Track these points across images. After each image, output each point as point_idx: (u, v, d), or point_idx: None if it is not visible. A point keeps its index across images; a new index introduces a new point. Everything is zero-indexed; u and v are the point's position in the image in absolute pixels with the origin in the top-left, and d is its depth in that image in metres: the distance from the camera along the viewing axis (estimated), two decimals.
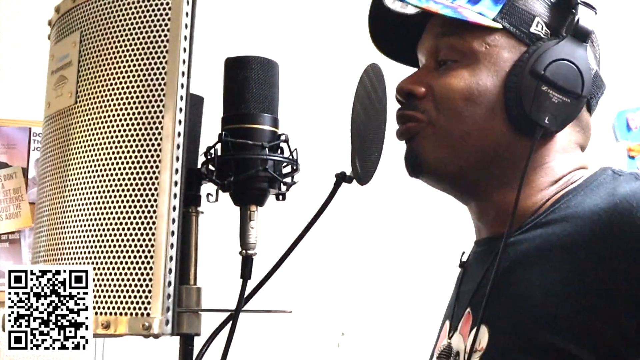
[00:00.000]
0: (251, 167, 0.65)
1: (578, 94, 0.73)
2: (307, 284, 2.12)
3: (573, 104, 0.73)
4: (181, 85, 0.58)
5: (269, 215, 0.99)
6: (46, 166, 0.66)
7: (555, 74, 0.73)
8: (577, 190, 0.74)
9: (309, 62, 2.19)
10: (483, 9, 0.77)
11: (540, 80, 0.72)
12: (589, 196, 0.71)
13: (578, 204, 0.71)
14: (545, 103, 0.73)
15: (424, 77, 0.80)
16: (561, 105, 0.73)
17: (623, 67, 2.31)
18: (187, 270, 0.66)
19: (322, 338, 2.13)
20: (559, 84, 0.73)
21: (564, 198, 0.74)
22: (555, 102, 0.73)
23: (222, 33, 2.14)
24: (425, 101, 0.79)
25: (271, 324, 2.10)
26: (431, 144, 0.78)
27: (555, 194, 0.75)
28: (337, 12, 2.23)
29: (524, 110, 0.73)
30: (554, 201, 0.74)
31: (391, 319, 2.14)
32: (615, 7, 2.36)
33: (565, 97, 0.73)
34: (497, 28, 0.76)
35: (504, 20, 0.76)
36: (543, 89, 0.72)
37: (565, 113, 0.74)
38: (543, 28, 0.76)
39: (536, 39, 0.75)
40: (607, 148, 2.28)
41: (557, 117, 0.73)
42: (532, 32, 0.76)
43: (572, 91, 0.73)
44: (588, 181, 0.74)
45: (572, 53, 0.73)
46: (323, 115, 2.17)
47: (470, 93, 0.76)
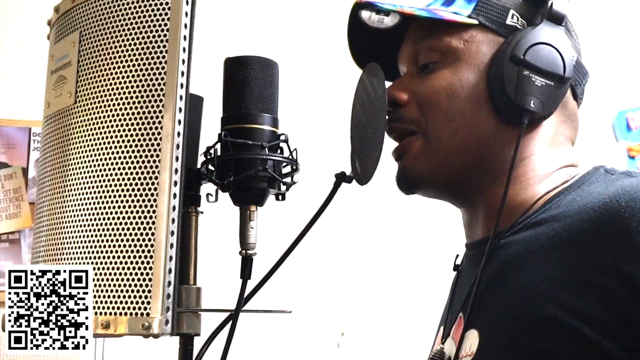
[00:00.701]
0: (251, 167, 0.65)
1: (561, 76, 0.73)
2: (307, 284, 2.12)
3: (557, 86, 0.74)
4: (181, 85, 0.58)
5: (269, 215, 0.99)
6: (46, 166, 0.66)
7: (535, 57, 0.73)
8: (569, 190, 0.73)
9: (309, 62, 2.19)
10: (457, 9, 0.78)
11: (521, 65, 0.73)
12: (579, 195, 0.71)
13: (568, 204, 0.71)
14: (528, 87, 0.73)
15: (406, 83, 0.81)
16: (545, 88, 0.73)
17: (623, 67, 2.31)
18: (187, 270, 0.66)
19: (322, 338, 2.13)
20: (540, 67, 0.73)
21: (555, 198, 0.73)
22: (539, 85, 0.73)
23: (222, 33, 2.14)
24: (410, 108, 0.79)
25: (271, 324, 2.10)
26: (422, 154, 0.78)
27: (546, 192, 0.74)
28: (337, 12, 2.23)
29: (508, 97, 0.73)
30: (545, 201, 0.73)
31: (391, 319, 2.14)
32: (615, 7, 2.36)
33: (548, 79, 0.73)
34: (473, 24, 0.77)
35: (479, 16, 0.77)
36: (525, 74, 0.73)
37: (550, 96, 0.74)
38: (519, 19, 0.77)
39: (513, 30, 0.76)
40: (607, 148, 2.28)
41: (542, 100, 0.73)
42: (508, 24, 0.76)
43: (554, 73, 0.73)
44: (580, 180, 0.74)
45: (550, 36, 0.74)
46: (323, 115, 2.17)
47: (454, 90, 0.76)
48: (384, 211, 2.19)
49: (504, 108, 0.74)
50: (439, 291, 1.78)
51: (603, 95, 2.08)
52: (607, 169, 0.74)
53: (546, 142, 0.77)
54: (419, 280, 2.17)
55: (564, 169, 0.78)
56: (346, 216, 2.13)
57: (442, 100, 0.77)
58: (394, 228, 2.20)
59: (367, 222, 2.19)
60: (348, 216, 2.14)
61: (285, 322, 2.10)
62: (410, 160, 0.79)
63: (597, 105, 0.90)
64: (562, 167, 0.78)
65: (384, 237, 2.19)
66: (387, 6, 0.78)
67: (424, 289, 2.14)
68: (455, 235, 2.19)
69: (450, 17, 0.76)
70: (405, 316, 2.14)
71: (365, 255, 2.19)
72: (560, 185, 0.75)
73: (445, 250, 2.33)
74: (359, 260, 2.16)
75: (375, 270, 2.17)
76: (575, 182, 0.74)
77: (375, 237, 2.19)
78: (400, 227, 2.20)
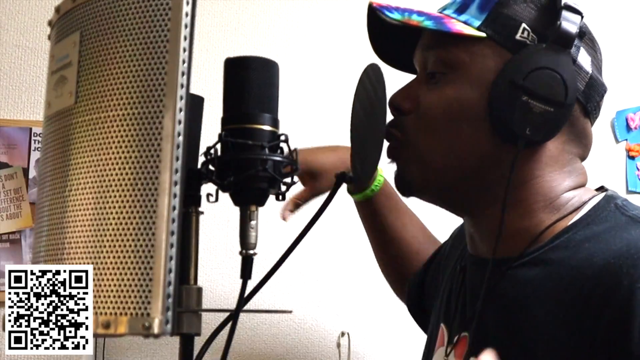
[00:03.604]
0: (251, 167, 0.65)
1: (561, 102, 0.71)
2: (307, 284, 2.12)
3: (557, 112, 0.71)
4: (181, 85, 0.58)
5: (269, 215, 0.99)
6: (46, 166, 0.66)
7: (535, 83, 0.70)
8: (578, 227, 0.71)
9: (309, 62, 2.19)
10: (469, 18, 0.76)
11: (520, 90, 0.70)
12: (588, 239, 0.69)
13: (578, 247, 0.69)
14: (526, 114, 0.70)
15: (414, 90, 0.80)
16: (544, 115, 0.71)
17: (623, 67, 2.31)
18: (187, 270, 0.66)
19: (322, 338, 2.13)
20: (539, 93, 0.70)
21: (564, 235, 0.71)
22: (537, 112, 0.70)
23: (222, 33, 2.14)
24: (410, 118, 0.78)
25: (271, 324, 2.10)
26: (412, 165, 0.78)
27: (553, 222, 0.73)
28: (337, 12, 2.23)
29: (505, 122, 0.71)
30: (554, 236, 0.72)
31: (391, 319, 2.14)
32: (615, 7, 2.36)
33: (548, 106, 0.70)
34: (481, 37, 0.74)
35: (488, 29, 0.74)
36: (523, 99, 0.70)
37: (549, 123, 0.71)
38: (529, 34, 0.73)
39: (522, 46, 0.73)
40: (607, 148, 2.27)
41: (540, 128, 0.71)
42: (518, 39, 0.73)
43: (554, 100, 0.70)
44: (590, 215, 0.72)
45: (554, 60, 0.71)
46: (323, 115, 2.17)
47: (452, 111, 0.75)
48: None
49: (502, 131, 0.73)
50: None
51: None
52: (619, 205, 0.72)
53: (550, 163, 0.75)
54: None
55: (570, 192, 0.75)
56: (346, 216, 2.13)
57: (438, 120, 0.76)
58: None
59: None
60: (348, 216, 2.14)
61: (285, 321, 2.10)
62: (403, 168, 0.79)
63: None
64: (568, 190, 0.75)
65: None
66: (395, 15, 0.76)
67: None
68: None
69: (458, 29, 0.74)
70: (405, 316, 2.14)
71: (365, 255, 2.18)
72: (567, 215, 0.73)
73: None
74: (359, 260, 2.16)
75: (375, 270, 2.17)
76: (585, 216, 0.72)
77: None
78: None
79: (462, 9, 0.78)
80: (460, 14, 0.77)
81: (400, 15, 0.76)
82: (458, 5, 0.79)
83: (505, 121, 0.71)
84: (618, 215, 0.71)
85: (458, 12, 0.78)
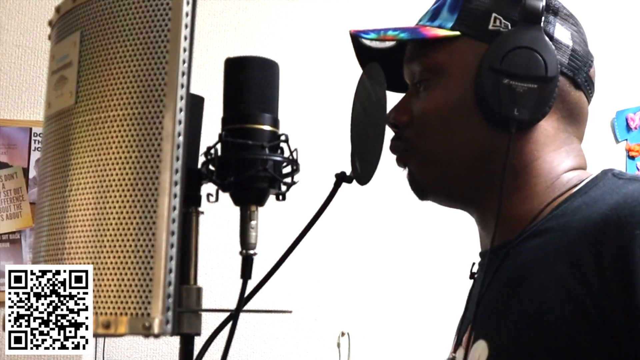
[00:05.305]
0: (251, 167, 0.65)
1: (543, 77, 0.72)
2: (307, 283, 2.12)
3: (542, 87, 0.72)
4: (181, 85, 0.58)
5: (269, 215, 0.99)
6: (46, 166, 0.66)
7: (512, 64, 0.71)
8: (575, 196, 0.72)
9: (309, 62, 2.19)
10: (442, 22, 0.78)
11: (499, 74, 0.72)
12: (585, 203, 0.70)
13: (574, 212, 0.70)
14: (510, 95, 0.71)
15: (407, 103, 0.82)
16: (528, 93, 0.72)
17: (623, 67, 2.31)
18: (187, 270, 0.66)
19: (322, 338, 2.13)
20: (518, 73, 0.71)
21: (562, 205, 0.72)
22: (521, 91, 0.71)
23: (222, 33, 2.14)
24: (409, 129, 0.81)
25: (271, 324, 2.10)
26: (422, 169, 0.80)
27: (553, 199, 0.74)
28: (337, 12, 2.23)
29: (492, 108, 0.73)
30: (553, 208, 0.73)
31: (391, 319, 2.14)
32: (615, 7, 2.36)
33: (530, 83, 0.71)
34: (456, 36, 0.76)
35: (461, 27, 0.76)
36: (505, 82, 0.71)
37: (535, 100, 0.72)
38: (501, 22, 0.75)
39: (496, 35, 0.74)
40: (607, 148, 2.27)
41: (527, 106, 0.72)
42: (491, 29, 0.75)
43: (535, 76, 0.71)
44: (587, 185, 0.73)
45: (526, 38, 0.72)
46: (323, 115, 2.17)
47: (443, 110, 0.77)
48: (384, 211, 2.19)
49: (492, 118, 0.74)
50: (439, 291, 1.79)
51: (603, 95, 2.08)
52: (615, 173, 0.73)
53: (547, 143, 0.76)
54: (419, 279, 2.17)
55: (570, 172, 0.76)
56: (346, 216, 2.13)
57: (434, 123, 0.78)
58: (394, 228, 2.20)
59: (367, 222, 2.20)
60: (348, 216, 2.14)
61: (286, 321, 2.10)
62: (414, 172, 0.81)
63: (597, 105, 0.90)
64: (568, 170, 0.76)
65: (384, 237, 2.20)
66: (371, 35, 0.79)
67: (424, 288, 2.14)
68: (454, 235, 2.19)
69: (432, 33, 0.77)
70: (405, 316, 2.14)
71: (365, 255, 2.19)
72: (567, 192, 0.74)
73: (445, 250, 2.34)
74: (359, 260, 2.16)
75: (375, 270, 2.17)
76: (583, 187, 0.73)
77: (375, 237, 2.19)
78: (400, 227, 2.20)
79: (435, 16, 0.81)
80: (433, 21, 0.80)
81: (375, 34, 0.80)
82: (430, 14, 0.82)
83: (492, 108, 0.73)
84: (615, 180, 0.72)
85: (431, 19, 0.81)
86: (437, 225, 2.14)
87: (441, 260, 2.14)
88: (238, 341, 2.02)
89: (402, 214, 2.17)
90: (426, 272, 2.15)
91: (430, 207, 0.87)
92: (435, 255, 2.15)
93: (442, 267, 2.12)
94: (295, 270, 2.06)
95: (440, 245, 2.15)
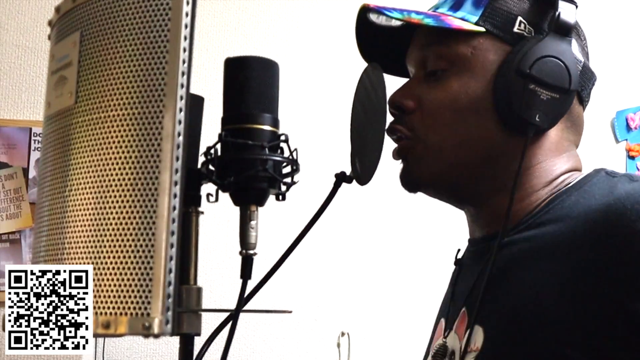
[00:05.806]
0: (251, 167, 0.65)
1: (566, 89, 0.73)
2: (307, 283, 2.12)
3: (562, 99, 0.74)
4: (181, 85, 0.58)
5: (269, 215, 0.99)
6: (46, 166, 0.66)
7: (541, 71, 0.73)
8: (571, 191, 0.74)
9: (309, 62, 2.19)
10: (465, 15, 0.78)
11: (527, 79, 0.73)
12: (582, 197, 0.71)
13: (572, 205, 0.71)
14: (534, 101, 0.73)
15: (414, 89, 0.80)
16: (550, 101, 0.73)
17: (623, 67, 2.31)
18: (187, 270, 0.66)
19: (322, 338, 2.13)
20: (546, 81, 0.73)
21: (558, 199, 0.74)
22: (544, 99, 0.73)
23: (222, 33, 2.14)
24: (414, 116, 0.79)
25: (271, 324, 2.10)
26: (424, 161, 0.79)
27: (549, 195, 0.75)
28: (337, 12, 2.23)
29: (514, 111, 0.73)
30: (548, 202, 0.74)
31: (391, 319, 2.14)
32: (615, 7, 2.36)
33: (554, 93, 0.73)
34: (480, 32, 0.76)
35: (486, 24, 0.76)
36: (531, 87, 0.73)
37: (555, 109, 0.74)
38: (526, 27, 0.76)
39: (520, 38, 0.75)
40: (607, 148, 2.28)
41: (548, 114, 0.73)
42: (516, 31, 0.76)
43: (559, 87, 0.73)
44: (582, 182, 0.74)
45: (556, 49, 0.73)
46: (323, 115, 2.17)
47: (459, 104, 0.76)
48: (384, 211, 2.19)
49: (510, 120, 0.74)
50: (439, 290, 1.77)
51: (603, 95, 2.08)
52: (608, 172, 0.75)
53: (551, 149, 0.78)
54: (419, 279, 2.17)
55: (567, 173, 0.78)
56: (346, 216, 2.13)
57: (446, 114, 0.77)
58: (394, 228, 2.20)
59: (367, 222, 2.20)
60: (348, 216, 2.14)
61: (285, 322, 2.10)
62: (413, 164, 0.80)
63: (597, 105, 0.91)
64: (566, 171, 0.78)
65: (383, 236, 2.20)
66: (395, 14, 0.77)
67: (424, 288, 2.14)
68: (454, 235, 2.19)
69: (458, 24, 0.76)
70: (405, 316, 2.15)
71: (365, 255, 2.19)
72: (562, 187, 0.75)
73: (444, 250, 2.33)
74: (359, 260, 2.16)
75: (375, 270, 2.17)
76: (577, 183, 0.75)
77: (375, 237, 2.19)
78: (400, 227, 2.20)
79: (457, 6, 0.80)
80: (455, 11, 0.79)
81: (400, 14, 0.78)
82: (452, 3, 0.81)
83: (513, 110, 0.73)
84: (609, 178, 0.73)
85: (453, 9, 0.80)
86: (437, 225, 2.14)
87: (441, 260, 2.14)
88: (238, 341, 2.02)
89: (402, 214, 2.17)
90: (426, 272, 2.15)
91: (430, 207, 0.87)
92: (435, 256, 2.15)
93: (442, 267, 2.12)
94: (295, 270, 2.06)
95: (440, 245, 2.15)
